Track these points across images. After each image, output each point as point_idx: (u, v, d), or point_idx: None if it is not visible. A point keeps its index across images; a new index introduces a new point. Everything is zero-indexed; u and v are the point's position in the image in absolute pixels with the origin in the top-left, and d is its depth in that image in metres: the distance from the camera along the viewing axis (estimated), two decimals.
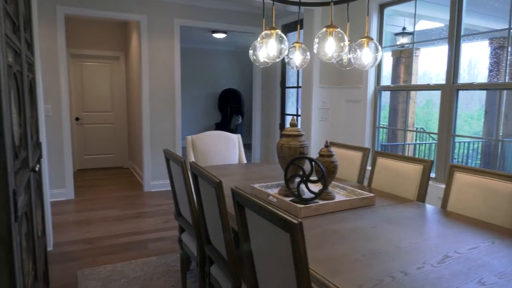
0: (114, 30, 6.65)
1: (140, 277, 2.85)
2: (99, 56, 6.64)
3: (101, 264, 3.05)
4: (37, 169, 1.68)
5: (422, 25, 5.47)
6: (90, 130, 6.76)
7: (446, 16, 3.37)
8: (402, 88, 4.96)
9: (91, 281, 2.78)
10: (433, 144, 6.23)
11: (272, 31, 2.22)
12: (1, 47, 0.90)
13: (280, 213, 1.13)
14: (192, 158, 3.32)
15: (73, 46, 6.28)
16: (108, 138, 6.90)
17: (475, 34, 4.38)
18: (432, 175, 3.42)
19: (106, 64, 6.74)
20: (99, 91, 6.74)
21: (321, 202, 1.99)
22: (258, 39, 2.31)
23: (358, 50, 2.28)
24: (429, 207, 2.14)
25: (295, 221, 1.06)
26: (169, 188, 2.84)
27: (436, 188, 3.20)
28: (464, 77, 6.32)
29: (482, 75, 6.31)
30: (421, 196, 2.32)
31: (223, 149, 3.48)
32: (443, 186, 2.27)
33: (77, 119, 6.59)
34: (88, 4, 4.73)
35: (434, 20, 5.29)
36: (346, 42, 2.14)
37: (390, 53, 5.86)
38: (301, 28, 4.56)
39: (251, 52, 2.54)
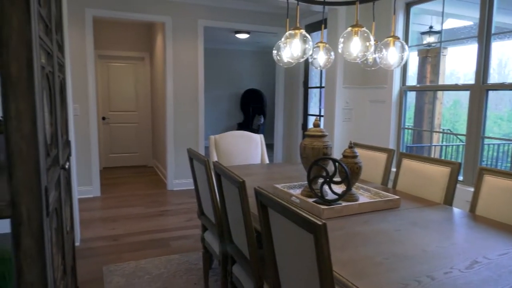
0: (140, 31, 6.79)
1: (163, 274, 2.89)
2: (125, 57, 6.78)
3: (125, 261, 3.12)
4: (66, 166, 1.73)
5: (450, 23, 5.33)
6: (115, 129, 6.91)
7: (476, 14, 3.27)
8: (429, 88, 4.85)
9: (116, 277, 2.84)
10: (461, 146, 6.05)
11: (296, 31, 2.21)
12: (35, 49, 0.93)
13: (304, 214, 1.13)
14: (215, 158, 3.35)
15: (100, 47, 6.44)
16: (132, 137, 7.04)
17: (507, 33, 4.23)
18: (460, 178, 3.32)
19: (131, 64, 6.88)
20: (125, 91, 6.89)
21: (344, 203, 1.97)
22: (282, 39, 2.31)
23: (384, 50, 2.24)
24: (456, 210, 2.09)
25: (319, 222, 1.05)
26: (192, 187, 2.88)
27: (464, 191, 3.11)
28: (494, 77, 6.12)
29: None
30: (448, 199, 2.26)
31: (246, 149, 3.49)
32: (471, 189, 2.20)
33: (103, 118, 6.76)
34: (115, 6, 4.84)
35: (463, 19, 5.14)
36: (372, 42, 2.11)
37: (416, 53, 5.73)
38: (325, 27, 4.52)
39: (274, 52, 2.53)
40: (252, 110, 10.09)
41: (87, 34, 4.74)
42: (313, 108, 5.73)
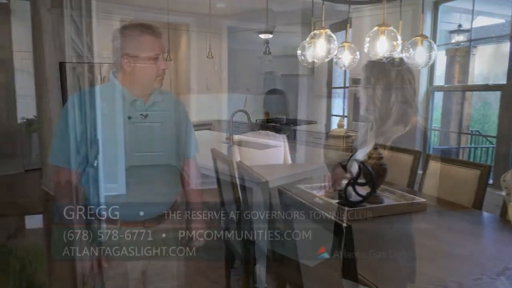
0: (164, 32, 6.89)
1: (184, 272, 2.92)
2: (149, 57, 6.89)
3: (148, 257, 3.16)
4: (95, 164, 1.78)
5: (480, 21, 5.16)
6: (140, 128, 7.03)
7: (508, 12, 3.17)
8: (457, 88, 4.72)
9: (138, 273, 2.89)
10: (490, 148, 5.85)
11: (321, 30, 2.19)
12: (68, 51, 0.96)
13: (328, 215, 1.12)
14: (238, 158, 3.36)
15: (125, 48, 6.57)
16: (157, 137, 7.15)
17: None
18: (490, 181, 3.21)
19: (155, 65, 6.99)
20: None
21: (368, 205, 1.94)
22: (307, 39, 2.29)
23: (411, 49, 2.19)
24: (486, 215, 2.02)
25: (344, 224, 1.04)
26: (215, 186, 2.90)
27: (494, 195, 2.99)
28: None
29: None
30: (478, 203, 2.18)
31: (269, 149, 3.49)
32: (502, 193, 2.12)
33: (129, 117, 6.88)
34: (141, 8, 4.93)
35: (494, 16, 4.97)
36: (399, 41, 2.07)
37: (443, 52, 5.58)
38: (350, 27, 4.47)
39: (299, 52, 2.52)
40: (275, 110, 10.07)
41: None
42: (337, 109, 5.67)
